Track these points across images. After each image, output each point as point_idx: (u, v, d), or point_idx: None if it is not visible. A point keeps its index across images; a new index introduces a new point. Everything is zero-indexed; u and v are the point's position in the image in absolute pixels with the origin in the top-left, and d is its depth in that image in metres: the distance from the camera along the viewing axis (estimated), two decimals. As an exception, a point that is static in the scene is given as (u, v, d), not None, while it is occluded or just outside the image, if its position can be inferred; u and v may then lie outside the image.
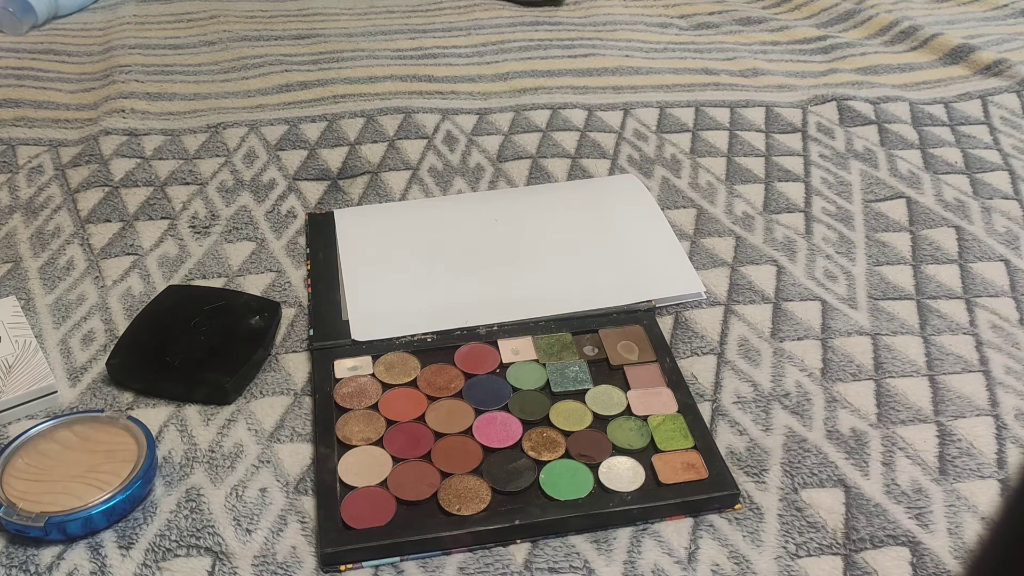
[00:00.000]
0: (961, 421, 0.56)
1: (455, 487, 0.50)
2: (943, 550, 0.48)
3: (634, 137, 0.85)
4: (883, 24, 1.11)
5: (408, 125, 0.86)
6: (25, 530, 0.47)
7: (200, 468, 0.52)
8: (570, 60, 1.01)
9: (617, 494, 0.50)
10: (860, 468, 0.53)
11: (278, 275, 0.67)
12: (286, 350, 0.60)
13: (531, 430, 0.54)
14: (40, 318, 0.62)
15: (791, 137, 0.86)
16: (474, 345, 0.60)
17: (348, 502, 0.49)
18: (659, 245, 0.69)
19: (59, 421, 0.53)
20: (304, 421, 0.55)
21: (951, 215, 0.75)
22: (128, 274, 0.67)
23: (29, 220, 0.72)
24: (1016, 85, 0.96)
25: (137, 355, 0.58)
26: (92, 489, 0.48)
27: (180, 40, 1.05)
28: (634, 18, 1.14)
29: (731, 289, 0.66)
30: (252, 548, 0.48)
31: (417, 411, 0.55)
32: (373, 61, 0.99)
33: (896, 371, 0.60)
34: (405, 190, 0.77)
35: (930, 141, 0.86)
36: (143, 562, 0.47)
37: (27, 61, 0.98)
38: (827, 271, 0.68)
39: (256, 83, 0.94)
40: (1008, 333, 0.63)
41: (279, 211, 0.74)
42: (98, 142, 0.82)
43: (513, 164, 0.81)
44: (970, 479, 0.52)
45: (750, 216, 0.75)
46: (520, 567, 0.47)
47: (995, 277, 0.68)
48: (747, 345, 0.61)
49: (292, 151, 0.82)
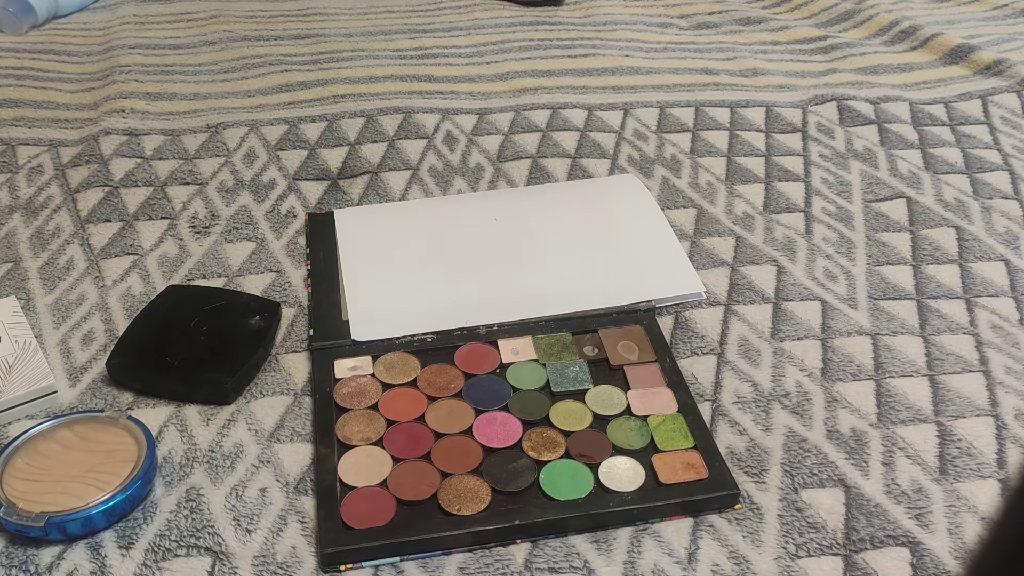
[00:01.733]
0: (961, 421, 0.56)
1: (455, 487, 0.50)
2: (943, 550, 0.48)
3: (634, 137, 0.85)
4: (883, 24, 1.11)
5: (408, 125, 0.86)
6: (25, 530, 0.47)
7: (200, 468, 0.52)
8: (570, 60, 1.01)
9: (617, 494, 0.50)
10: (860, 468, 0.53)
11: (278, 275, 0.67)
12: (286, 350, 0.60)
13: (531, 430, 0.54)
14: (40, 318, 0.62)
15: (791, 137, 0.86)
16: (474, 345, 0.60)
17: (348, 502, 0.49)
18: (659, 245, 0.69)
19: (59, 421, 0.53)
20: (304, 421, 0.55)
21: (951, 215, 0.75)
22: (128, 274, 0.67)
23: (29, 220, 0.72)
24: (1016, 85, 0.96)
25: (137, 355, 0.58)
26: (92, 489, 0.48)
27: (180, 40, 1.05)
28: (634, 18, 1.14)
29: (731, 289, 0.66)
30: (252, 548, 0.48)
31: (417, 411, 0.55)
32: (373, 61, 0.99)
33: (896, 371, 0.60)
34: (405, 190, 0.77)
35: (930, 141, 0.86)
36: (143, 562, 0.47)
37: (27, 61, 0.98)
38: (827, 271, 0.68)
39: (256, 83, 0.94)
40: (1008, 333, 0.63)
41: (279, 211, 0.74)
42: (98, 142, 0.82)
43: (513, 164, 0.81)
44: (970, 479, 0.52)
45: (750, 216, 0.75)
46: (520, 567, 0.47)
47: (995, 277, 0.68)
48: (747, 345, 0.61)
49: (292, 151, 0.82)
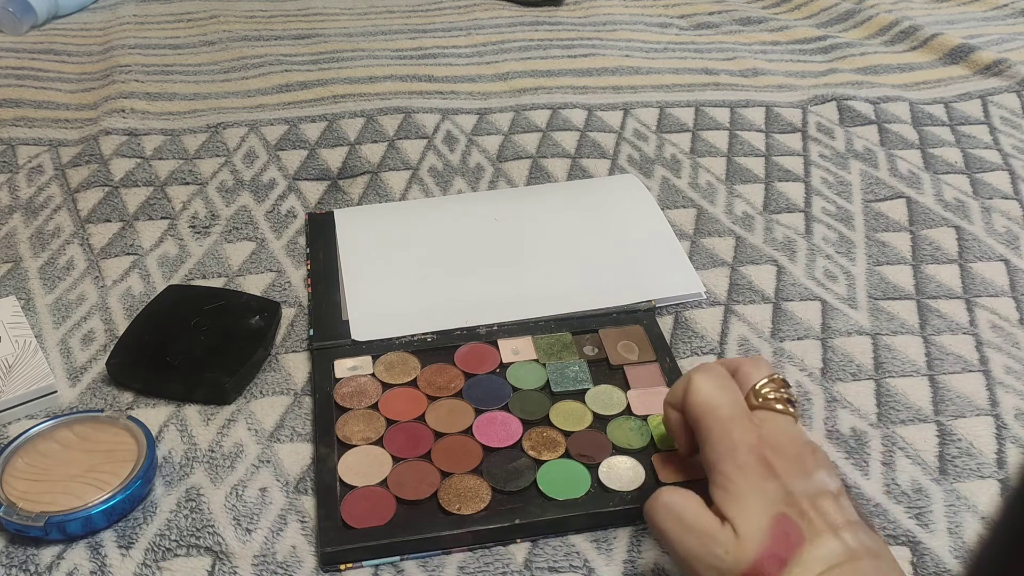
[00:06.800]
0: (961, 421, 0.56)
1: (455, 487, 0.50)
2: (943, 550, 0.48)
3: (634, 137, 0.85)
4: (883, 24, 1.11)
5: (408, 125, 0.86)
6: (25, 530, 0.47)
7: (200, 468, 0.52)
8: (570, 60, 1.01)
9: (617, 493, 0.50)
10: (860, 468, 0.53)
11: (278, 275, 0.67)
12: (286, 350, 0.60)
13: (531, 430, 0.54)
14: (40, 318, 0.62)
15: (791, 137, 0.86)
16: (474, 345, 0.60)
17: (348, 502, 0.49)
18: (659, 245, 0.69)
19: (59, 421, 0.53)
20: (304, 421, 0.55)
21: (951, 215, 0.75)
22: (128, 274, 0.67)
23: (29, 220, 0.72)
24: (1016, 85, 0.96)
25: (137, 355, 0.58)
26: (92, 489, 0.48)
27: (180, 40, 1.05)
28: (634, 18, 1.14)
29: (731, 289, 0.66)
30: (252, 548, 0.48)
31: (417, 411, 0.55)
32: (373, 61, 0.99)
33: (896, 371, 0.60)
34: (405, 190, 0.77)
35: (930, 141, 0.86)
36: (143, 562, 0.47)
37: (27, 61, 0.98)
38: (827, 271, 0.68)
39: (256, 83, 0.94)
40: (1008, 333, 0.63)
41: (279, 211, 0.74)
42: (98, 142, 0.82)
43: (513, 164, 0.81)
44: (970, 479, 0.53)
45: (750, 216, 0.75)
46: (520, 566, 0.47)
47: (995, 277, 0.68)
48: (747, 345, 0.61)
49: (292, 151, 0.82)
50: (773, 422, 0.43)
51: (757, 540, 0.39)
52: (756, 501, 0.40)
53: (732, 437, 0.42)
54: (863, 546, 0.39)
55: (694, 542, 0.41)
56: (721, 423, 0.43)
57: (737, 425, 0.43)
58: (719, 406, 0.43)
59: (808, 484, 0.40)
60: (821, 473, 0.41)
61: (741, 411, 0.43)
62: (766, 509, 0.40)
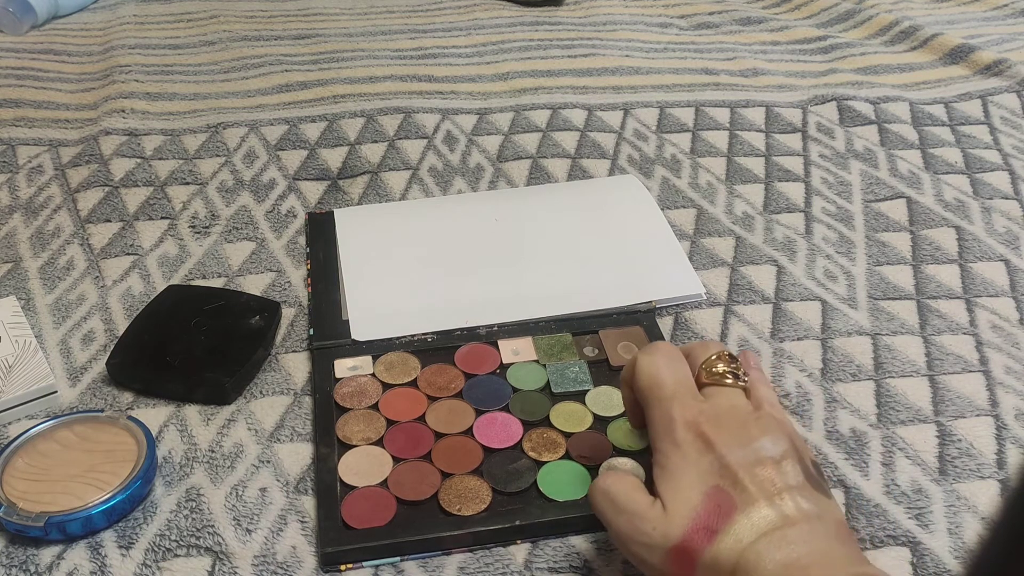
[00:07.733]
0: (961, 421, 0.56)
1: (455, 487, 0.50)
2: (943, 550, 0.48)
3: (634, 137, 0.85)
4: (883, 24, 1.11)
5: (408, 125, 0.86)
6: (25, 530, 0.47)
7: (200, 468, 0.52)
8: (570, 60, 1.01)
9: (617, 494, 0.50)
10: (860, 468, 0.53)
11: (278, 275, 0.67)
12: (286, 350, 0.60)
13: (531, 431, 0.54)
14: (40, 318, 0.62)
15: (791, 137, 0.86)
16: (474, 345, 0.60)
17: (348, 502, 0.49)
18: (659, 245, 0.69)
19: (59, 421, 0.53)
20: (304, 421, 0.55)
21: (951, 215, 0.75)
22: (128, 274, 0.67)
23: (29, 220, 0.72)
24: (1016, 85, 0.96)
25: (137, 355, 0.57)
26: (92, 489, 0.48)
27: (180, 40, 1.05)
28: (634, 18, 1.14)
29: (731, 289, 0.66)
30: (252, 548, 0.48)
31: (417, 411, 0.55)
32: (373, 61, 0.99)
33: (896, 371, 0.60)
34: (405, 190, 0.77)
35: (930, 141, 0.86)
36: (143, 562, 0.47)
37: (27, 61, 0.98)
38: (827, 271, 0.68)
39: (256, 83, 0.94)
40: (1008, 333, 0.63)
41: (279, 211, 0.74)
42: (98, 142, 0.82)
43: (513, 164, 0.81)
44: (970, 479, 0.53)
45: (750, 216, 0.75)
46: (520, 567, 0.47)
47: (995, 277, 0.68)
48: (747, 345, 0.61)
49: (292, 151, 0.82)
50: (719, 395, 0.43)
51: (685, 515, 0.39)
52: (689, 476, 0.40)
53: (671, 415, 0.42)
54: (800, 511, 0.39)
55: (624, 522, 0.41)
56: (661, 401, 0.43)
57: (678, 402, 0.43)
58: (661, 384, 0.44)
59: (745, 453, 0.40)
60: (764, 440, 0.41)
61: (685, 389, 0.43)
62: (699, 483, 0.40)
